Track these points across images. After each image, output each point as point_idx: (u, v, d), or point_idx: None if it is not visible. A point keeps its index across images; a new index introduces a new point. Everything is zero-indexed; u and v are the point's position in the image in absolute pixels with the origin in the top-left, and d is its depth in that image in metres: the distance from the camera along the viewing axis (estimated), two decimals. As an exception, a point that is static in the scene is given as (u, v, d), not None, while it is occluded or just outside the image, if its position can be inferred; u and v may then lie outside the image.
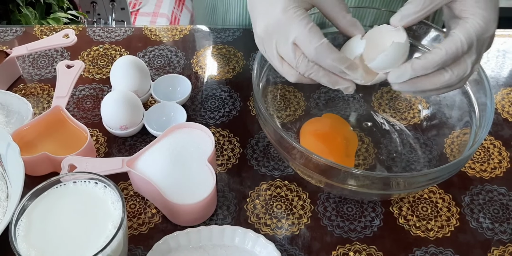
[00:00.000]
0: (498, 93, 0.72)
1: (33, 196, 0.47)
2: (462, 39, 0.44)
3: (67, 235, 0.45)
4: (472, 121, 0.57)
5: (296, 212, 0.58)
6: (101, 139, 0.64)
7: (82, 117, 0.67)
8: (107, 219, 0.46)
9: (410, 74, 0.46)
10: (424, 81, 0.46)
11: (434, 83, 0.46)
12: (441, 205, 0.59)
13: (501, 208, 0.59)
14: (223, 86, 0.71)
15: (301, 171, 0.55)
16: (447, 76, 0.46)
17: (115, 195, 0.47)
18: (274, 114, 0.64)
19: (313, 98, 0.68)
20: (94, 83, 0.71)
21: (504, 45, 0.79)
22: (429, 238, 0.56)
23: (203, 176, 0.55)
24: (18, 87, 0.70)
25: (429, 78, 0.46)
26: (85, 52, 0.75)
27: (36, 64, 0.74)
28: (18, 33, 0.78)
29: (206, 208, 0.55)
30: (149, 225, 0.56)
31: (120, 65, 0.64)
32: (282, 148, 0.53)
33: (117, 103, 0.60)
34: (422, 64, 0.45)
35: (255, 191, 0.59)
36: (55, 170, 0.59)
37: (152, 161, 0.56)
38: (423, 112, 0.65)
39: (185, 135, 0.59)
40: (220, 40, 0.78)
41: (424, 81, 0.46)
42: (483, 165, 0.63)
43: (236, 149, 0.63)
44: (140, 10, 1.86)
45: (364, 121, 0.66)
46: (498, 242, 0.56)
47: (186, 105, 0.68)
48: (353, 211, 0.58)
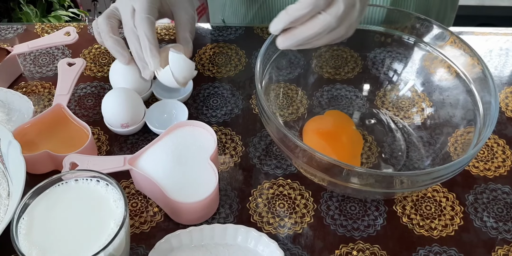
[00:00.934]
0: (501, 91, 0.71)
1: (34, 194, 0.46)
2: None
3: (68, 233, 0.45)
4: (476, 120, 0.56)
5: (299, 211, 0.57)
6: (102, 137, 0.64)
7: (84, 115, 0.66)
8: (109, 217, 0.46)
9: (286, 18, 0.47)
10: (302, 29, 0.48)
11: (312, 27, 0.47)
12: (444, 204, 0.58)
13: (505, 207, 0.58)
14: (225, 84, 0.71)
15: (304, 169, 0.55)
16: (321, 18, 0.47)
17: (117, 193, 0.47)
18: (277, 113, 0.64)
19: (315, 97, 0.68)
20: (96, 81, 0.71)
21: (507, 43, 0.79)
22: (433, 237, 0.55)
23: (205, 175, 0.55)
24: (19, 85, 0.70)
25: (306, 25, 0.47)
26: (86, 50, 0.75)
27: (37, 62, 0.73)
28: (19, 30, 0.78)
29: (209, 207, 0.55)
30: (151, 223, 0.56)
31: (119, 65, 0.64)
32: (285, 147, 0.52)
33: (118, 100, 0.60)
34: (295, 6, 0.46)
35: (258, 189, 0.59)
36: (56, 168, 0.59)
37: (154, 159, 0.55)
38: (427, 110, 0.64)
39: (187, 133, 0.58)
40: (222, 38, 0.78)
41: (302, 29, 0.48)
42: (487, 164, 0.62)
43: (239, 148, 0.63)
44: (141, 9, 1.85)
45: (368, 120, 0.66)
46: (502, 241, 0.55)
47: (188, 103, 0.67)
48: (356, 210, 0.57)
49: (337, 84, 0.69)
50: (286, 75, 0.65)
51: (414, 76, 0.65)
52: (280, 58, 0.62)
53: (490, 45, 0.78)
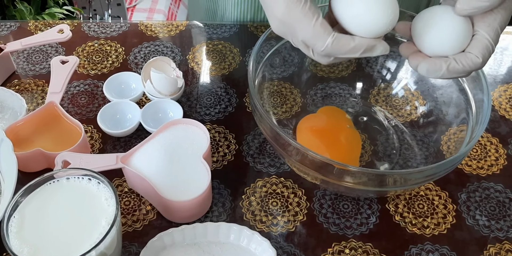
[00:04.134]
0: (495, 90, 0.71)
1: (26, 192, 0.46)
2: (491, 42, 0.43)
3: (60, 231, 0.45)
4: (469, 118, 0.57)
5: (291, 209, 0.57)
6: (95, 135, 0.63)
7: (77, 113, 0.66)
8: (101, 215, 0.45)
9: (442, 74, 0.45)
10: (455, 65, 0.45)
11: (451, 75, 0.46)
12: (437, 202, 0.58)
13: (498, 206, 0.58)
14: (219, 82, 0.71)
15: (297, 168, 0.55)
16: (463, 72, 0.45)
17: (109, 191, 0.47)
18: (270, 111, 0.64)
19: (309, 95, 0.67)
20: (89, 78, 0.71)
21: (503, 42, 0.79)
22: (425, 235, 0.56)
23: (198, 173, 0.54)
24: (12, 83, 0.70)
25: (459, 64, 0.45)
26: (80, 48, 0.75)
27: (30, 60, 0.73)
28: (12, 28, 0.78)
29: (201, 205, 0.55)
30: (143, 222, 0.56)
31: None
32: (278, 145, 0.52)
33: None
34: (458, 69, 0.44)
35: (251, 188, 0.59)
36: (49, 166, 0.59)
37: (147, 158, 0.55)
38: (420, 108, 0.64)
39: (180, 132, 0.58)
40: (216, 36, 0.77)
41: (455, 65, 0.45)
42: (480, 162, 0.62)
43: (232, 146, 0.63)
44: (136, 6, 1.85)
45: (361, 118, 0.66)
46: (494, 239, 0.55)
47: (182, 102, 0.67)
48: (349, 208, 0.58)
49: (331, 82, 0.69)
50: (280, 73, 0.65)
51: (408, 74, 0.65)
52: (274, 56, 0.62)
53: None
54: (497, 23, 0.44)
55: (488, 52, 0.44)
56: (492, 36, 0.44)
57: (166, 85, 0.63)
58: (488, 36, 0.44)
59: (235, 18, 0.80)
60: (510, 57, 0.76)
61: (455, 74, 0.45)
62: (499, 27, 0.44)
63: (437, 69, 0.45)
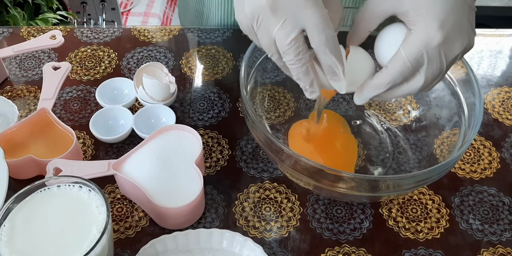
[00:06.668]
0: (488, 93, 0.71)
1: (16, 200, 0.46)
2: (404, 57, 0.44)
3: (51, 239, 0.44)
4: (461, 122, 0.56)
5: (285, 215, 0.57)
6: (88, 142, 0.63)
7: (69, 119, 0.66)
8: (92, 223, 0.45)
9: (365, 97, 0.48)
10: (382, 95, 0.48)
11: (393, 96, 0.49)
12: (431, 206, 0.58)
13: (491, 209, 0.58)
14: (212, 87, 0.70)
15: (290, 173, 0.55)
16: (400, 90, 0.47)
17: (100, 199, 0.46)
18: (263, 116, 0.63)
19: (302, 99, 0.67)
20: (82, 84, 0.70)
21: (497, 45, 0.79)
22: (419, 240, 0.55)
23: (190, 179, 0.54)
24: (4, 89, 0.69)
25: (386, 93, 0.48)
26: (72, 53, 0.75)
27: (23, 66, 0.73)
28: (5, 34, 0.77)
29: (194, 212, 0.55)
30: (136, 228, 0.55)
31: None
32: (270, 151, 0.52)
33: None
34: (373, 84, 0.47)
35: (244, 193, 0.59)
36: (41, 173, 0.59)
37: (139, 164, 0.55)
38: (413, 112, 0.64)
39: (172, 137, 0.58)
40: (210, 40, 0.77)
41: (382, 95, 0.48)
42: (473, 166, 0.62)
43: (225, 151, 0.63)
44: (131, 10, 1.85)
45: (354, 122, 0.66)
46: (487, 243, 0.55)
47: (175, 107, 0.67)
48: (342, 213, 0.57)
49: (324, 87, 0.69)
50: (273, 77, 0.65)
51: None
52: (266, 60, 0.62)
53: (480, 46, 0.78)
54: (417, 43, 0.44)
55: (398, 66, 0.45)
56: (407, 52, 0.44)
57: (159, 90, 0.63)
58: (402, 50, 0.45)
59: (219, 18, 0.80)
60: (504, 60, 0.77)
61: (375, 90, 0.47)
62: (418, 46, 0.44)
63: (359, 96, 0.49)
